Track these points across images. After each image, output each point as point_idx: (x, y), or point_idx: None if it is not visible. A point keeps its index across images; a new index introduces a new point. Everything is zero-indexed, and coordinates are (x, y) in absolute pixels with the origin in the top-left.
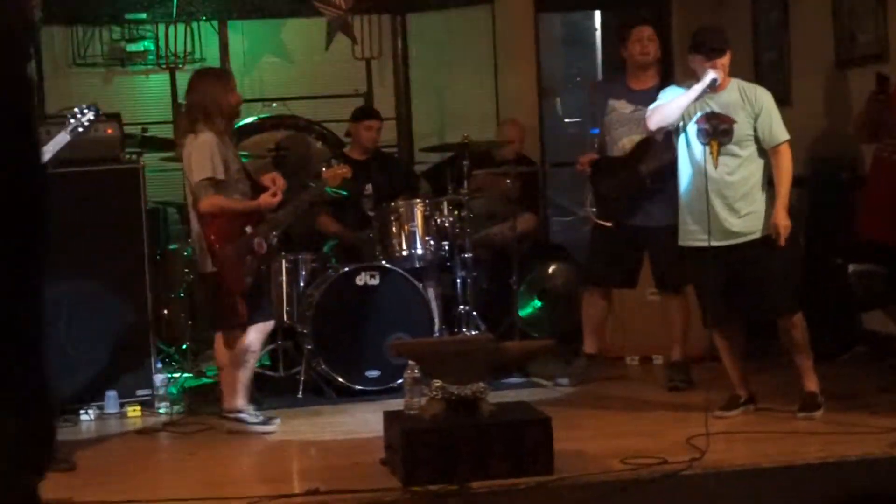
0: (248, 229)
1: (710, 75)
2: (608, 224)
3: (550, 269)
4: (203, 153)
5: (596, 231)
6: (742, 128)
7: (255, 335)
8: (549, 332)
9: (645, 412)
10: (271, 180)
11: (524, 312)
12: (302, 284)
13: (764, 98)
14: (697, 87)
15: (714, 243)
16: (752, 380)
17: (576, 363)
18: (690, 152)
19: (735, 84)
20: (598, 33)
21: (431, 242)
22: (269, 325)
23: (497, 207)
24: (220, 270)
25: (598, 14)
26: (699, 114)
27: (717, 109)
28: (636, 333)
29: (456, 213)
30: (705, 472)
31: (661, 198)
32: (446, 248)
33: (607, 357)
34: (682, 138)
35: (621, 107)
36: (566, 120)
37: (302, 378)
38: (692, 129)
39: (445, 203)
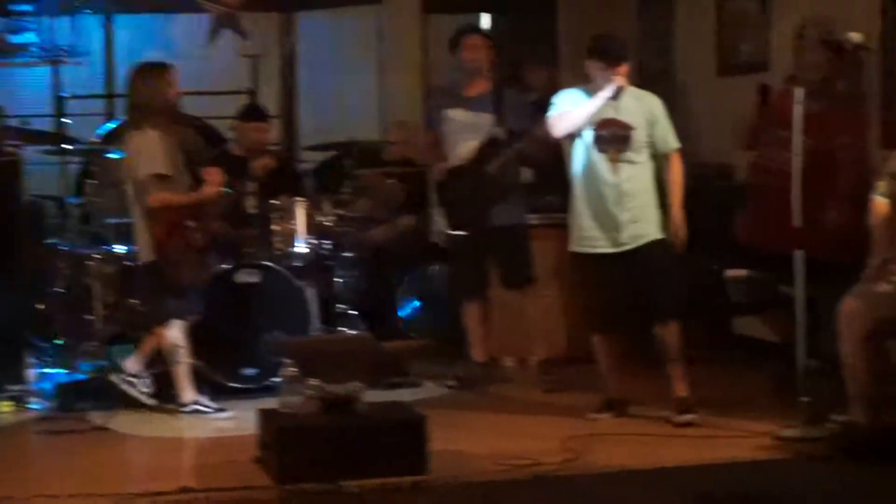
0: (191, 223)
1: (615, 83)
2: (462, 233)
3: (431, 271)
4: (150, 149)
5: (452, 243)
6: (639, 135)
7: (177, 330)
8: (428, 333)
9: (520, 413)
10: (211, 173)
11: (404, 313)
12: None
13: (658, 105)
14: (603, 95)
15: (611, 250)
16: (630, 382)
17: (467, 370)
18: (588, 159)
19: (632, 92)
20: None
21: (312, 241)
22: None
23: (380, 208)
24: (165, 263)
25: (486, 17)
26: (597, 120)
27: (615, 116)
28: (512, 335)
29: (338, 212)
30: (578, 473)
31: (510, 196)
32: (327, 247)
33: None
34: (578, 145)
35: (458, 115)
36: None
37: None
38: (589, 135)
39: (328, 202)
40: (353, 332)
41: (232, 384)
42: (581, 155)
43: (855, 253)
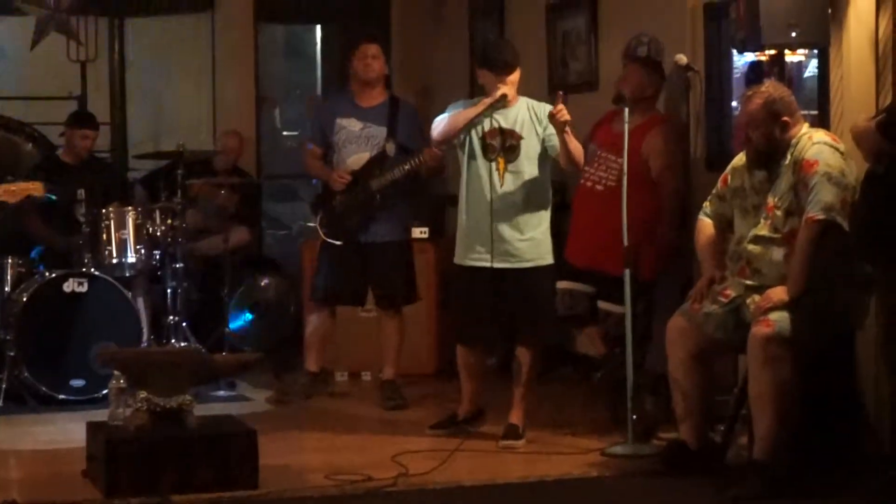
0: None
1: (500, 91)
2: (337, 242)
3: (263, 283)
4: None
5: (324, 248)
6: (530, 146)
7: None
8: (259, 345)
9: (354, 428)
10: None
11: (235, 325)
12: (7, 289)
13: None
14: (486, 101)
15: (486, 264)
16: (489, 397)
17: (298, 380)
18: (475, 168)
19: (524, 102)
20: (319, 46)
21: (143, 251)
22: None
23: (211, 218)
24: None
25: (318, 27)
26: (486, 129)
27: (505, 126)
28: (346, 349)
29: (169, 222)
30: (410, 489)
31: (390, 215)
32: (158, 257)
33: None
34: (466, 153)
35: (350, 125)
36: (284, 133)
37: (3, 386)
38: (478, 144)
39: (158, 211)
40: (184, 344)
41: (59, 395)
42: (468, 164)
43: (650, 272)
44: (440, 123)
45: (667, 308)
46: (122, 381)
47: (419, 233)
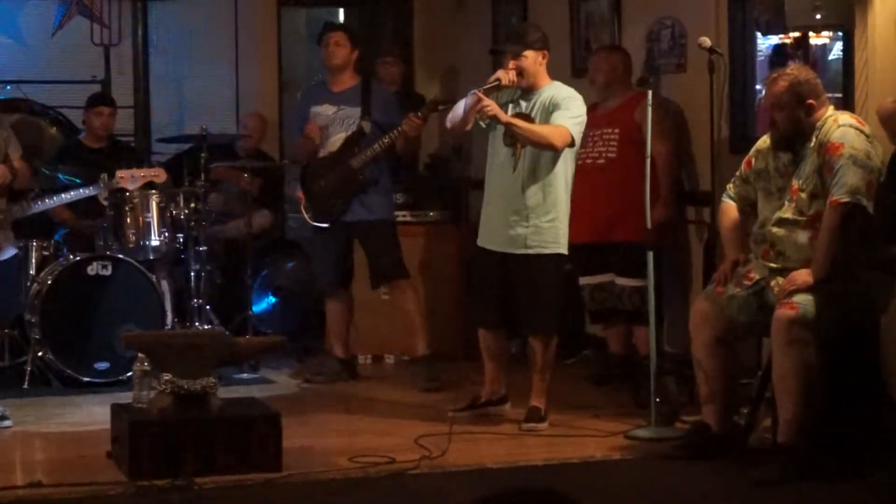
0: None
1: (494, 75)
2: (324, 225)
3: (285, 266)
4: None
5: (315, 235)
6: None
7: None
8: (282, 328)
9: (377, 412)
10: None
11: (258, 308)
12: (32, 272)
13: (563, 95)
14: (484, 87)
15: (497, 248)
16: (511, 380)
17: (326, 363)
18: (496, 152)
19: (552, 87)
20: None
21: (166, 234)
22: None
23: (234, 202)
24: None
25: (341, 11)
26: (508, 113)
27: (525, 110)
28: (368, 332)
29: (192, 205)
30: (433, 471)
31: (376, 190)
32: (181, 240)
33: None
34: (490, 139)
35: (324, 110)
36: None
37: (28, 368)
38: (499, 128)
39: (182, 195)
40: (207, 327)
41: (84, 378)
42: (492, 148)
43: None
44: (449, 113)
45: (673, 287)
46: (145, 364)
47: (435, 216)
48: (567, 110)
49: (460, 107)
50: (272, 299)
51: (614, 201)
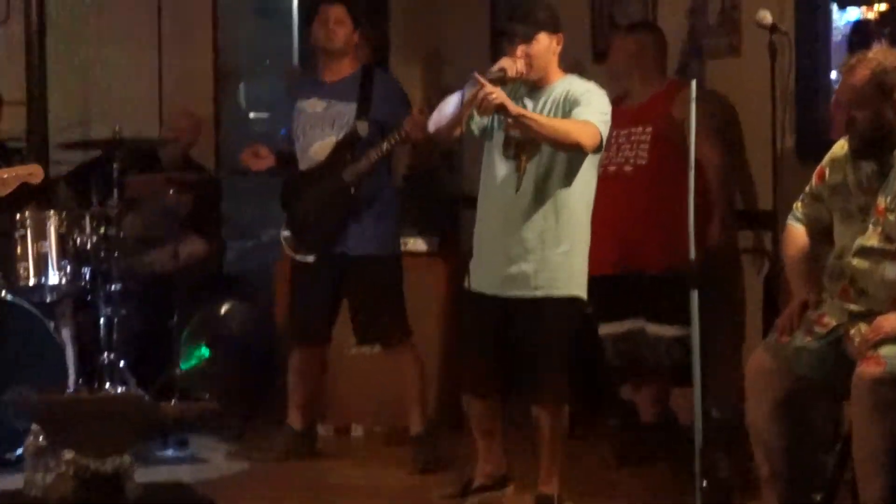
0: None
1: (497, 64)
2: (308, 259)
3: (223, 309)
4: None
5: (295, 269)
6: None
7: None
8: (219, 391)
9: (344, 498)
10: None
11: (188, 364)
12: None
13: (582, 89)
14: (482, 80)
15: (492, 291)
16: (512, 456)
17: (275, 438)
18: (492, 166)
19: (566, 81)
20: (296, 3)
21: (68, 268)
22: None
23: (157, 226)
24: None
25: None
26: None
27: (533, 112)
28: (331, 396)
29: (102, 231)
30: None
31: (375, 213)
32: (87, 276)
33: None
34: (485, 151)
35: (312, 106)
36: (251, 115)
37: None
38: (497, 137)
39: (88, 217)
40: (122, 390)
41: None
42: (487, 160)
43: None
44: (434, 113)
45: (723, 333)
46: (41, 439)
47: (414, 244)
48: (589, 105)
49: (450, 103)
50: (206, 352)
51: (645, 221)
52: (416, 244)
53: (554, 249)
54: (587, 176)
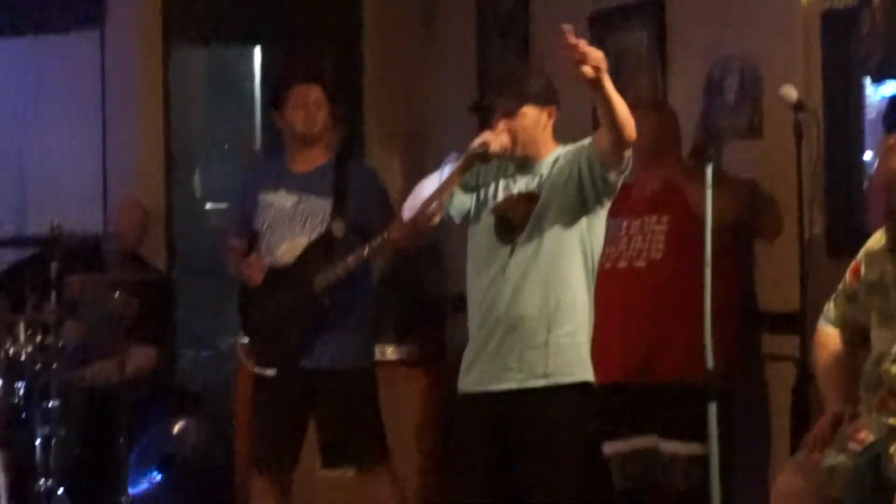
0: None
1: (479, 139)
2: (269, 373)
3: (177, 427)
4: None
5: (258, 385)
6: (553, 201)
7: None
8: None
9: None
10: None
11: (138, 489)
12: None
13: (585, 145)
14: (464, 157)
15: (487, 387)
16: None
17: None
18: (480, 254)
19: (556, 152)
20: (258, 78)
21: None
22: None
23: (101, 333)
24: None
25: (258, 52)
26: (498, 196)
27: (527, 188)
28: None
29: (38, 339)
30: None
31: (349, 325)
32: (21, 392)
33: None
34: (470, 233)
35: (278, 200)
36: (207, 205)
37: None
38: (487, 220)
39: (23, 324)
40: None
41: None
42: (475, 249)
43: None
44: (410, 198)
45: (745, 452)
46: None
47: (393, 352)
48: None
49: (426, 186)
50: (157, 476)
51: (660, 323)
52: (396, 352)
53: (556, 331)
54: (586, 247)
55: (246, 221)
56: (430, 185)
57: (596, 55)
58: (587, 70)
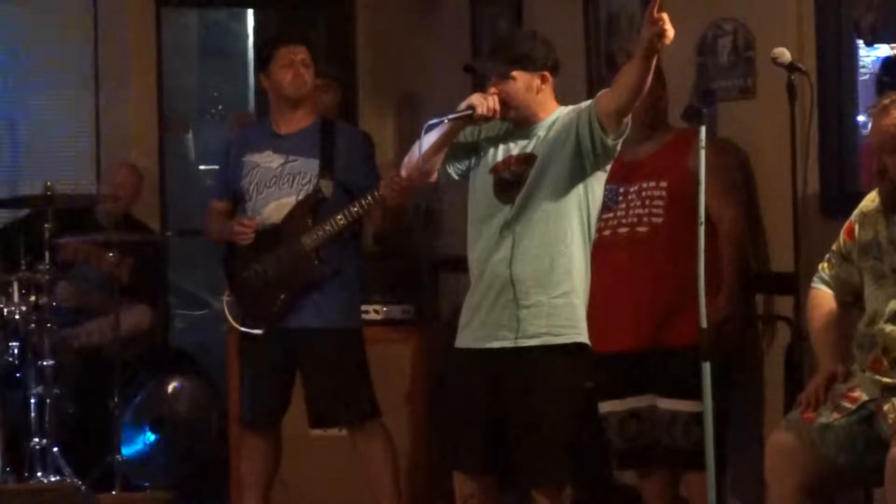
0: None
1: (466, 101)
2: (256, 332)
3: (170, 387)
4: None
5: (245, 344)
6: (549, 166)
7: None
8: (166, 480)
9: None
10: None
11: (131, 450)
12: None
13: (586, 104)
14: (452, 116)
15: (483, 345)
16: None
17: None
18: (479, 213)
19: (555, 113)
20: (251, 40)
21: None
22: None
23: (94, 294)
24: None
25: (250, 14)
26: (498, 158)
27: (524, 150)
28: (293, 486)
29: (32, 299)
30: None
31: (337, 284)
32: (15, 351)
33: None
34: (471, 187)
35: (265, 160)
36: (201, 167)
37: None
38: (486, 179)
39: (16, 284)
40: (55, 479)
41: None
42: (475, 207)
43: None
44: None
45: (740, 413)
46: None
47: (388, 312)
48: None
49: (424, 142)
50: (150, 437)
51: (666, 288)
52: (390, 312)
53: (551, 291)
54: (583, 207)
55: (228, 183)
56: (427, 140)
57: (671, 33)
58: (664, 43)
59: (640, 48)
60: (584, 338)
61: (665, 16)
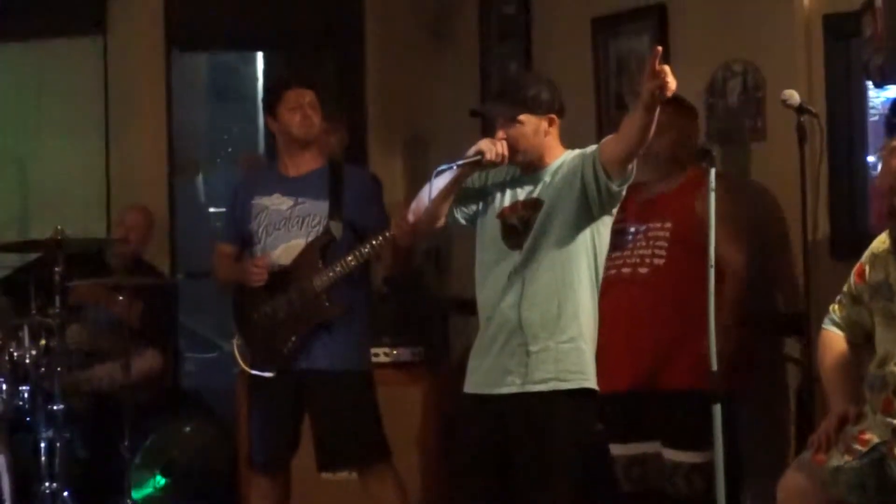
0: None
1: (474, 147)
2: (267, 374)
3: (181, 431)
4: None
5: (254, 387)
6: (556, 210)
7: None
8: None
9: None
10: None
11: (141, 493)
12: None
13: (589, 151)
14: (460, 163)
15: (491, 390)
16: None
17: None
18: (486, 258)
19: (562, 158)
20: (260, 83)
21: (4, 387)
22: None
23: (105, 337)
24: None
25: (260, 57)
26: (505, 203)
27: (530, 196)
28: None
29: (42, 343)
30: None
31: (346, 326)
32: (26, 395)
33: None
34: (479, 232)
35: (274, 203)
36: (211, 209)
37: None
38: (493, 225)
39: (27, 328)
40: None
41: None
42: (483, 252)
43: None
44: (417, 199)
45: (751, 456)
46: None
47: (397, 355)
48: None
49: (433, 187)
50: (161, 480)
51: (664, 330)
52: (400, 354)
53: (558, 337)
54: (590, 252)
55: (236, 226)
56: (436, 185)
57: (673, 85)
58: (666, 95)
59: (641, 100)
60: (591, 383)
61: (667, 68)
